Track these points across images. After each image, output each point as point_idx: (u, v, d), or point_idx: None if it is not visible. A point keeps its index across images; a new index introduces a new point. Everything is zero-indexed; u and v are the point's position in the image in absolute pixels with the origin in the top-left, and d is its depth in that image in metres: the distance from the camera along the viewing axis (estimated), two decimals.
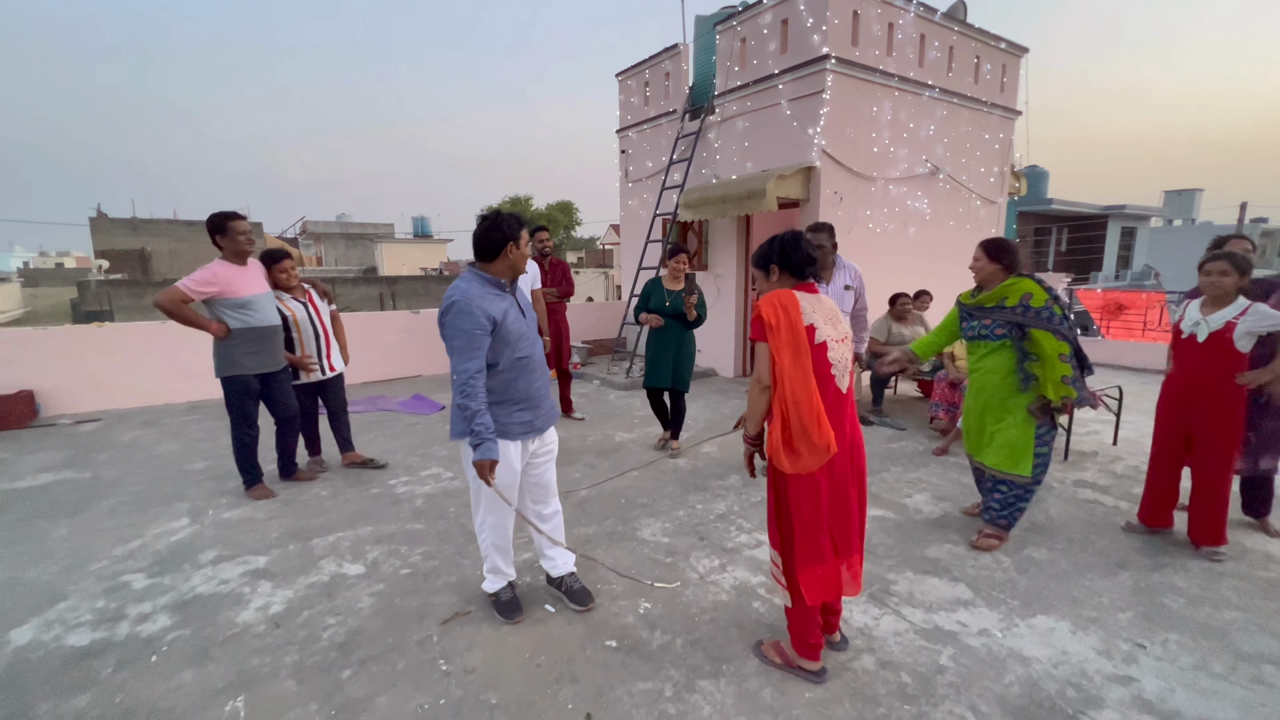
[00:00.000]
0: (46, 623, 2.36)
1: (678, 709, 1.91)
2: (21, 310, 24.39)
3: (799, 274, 1.97)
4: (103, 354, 5.71)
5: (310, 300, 3.81)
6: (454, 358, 2.08)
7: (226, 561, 2.83)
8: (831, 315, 1.96)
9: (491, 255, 2.18)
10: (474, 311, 2.07)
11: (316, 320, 3.79)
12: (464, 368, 2.07)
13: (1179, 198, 30.46)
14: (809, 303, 1.92)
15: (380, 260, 35.02)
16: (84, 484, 3.84)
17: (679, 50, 7.45)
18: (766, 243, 2.04)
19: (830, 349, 1.91)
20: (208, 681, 2.04)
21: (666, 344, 4.20)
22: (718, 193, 6.21)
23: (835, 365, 1.92)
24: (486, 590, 2.45)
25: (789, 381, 1.86)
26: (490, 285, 2.18)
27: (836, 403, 1.93)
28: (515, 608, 2.39)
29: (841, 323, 1.99)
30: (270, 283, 3.57)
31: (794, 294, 1.93)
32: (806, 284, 1.98)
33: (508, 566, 2.43)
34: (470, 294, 2.10)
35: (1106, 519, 3.28)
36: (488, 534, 2.36)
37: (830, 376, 1.91)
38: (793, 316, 1.87)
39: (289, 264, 3.71)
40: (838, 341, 1.93)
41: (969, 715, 1.88)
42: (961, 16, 7.10)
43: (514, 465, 2.28)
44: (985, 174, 7.50)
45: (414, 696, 1.96)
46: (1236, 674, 2.06)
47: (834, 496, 1.94)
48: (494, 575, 2.43)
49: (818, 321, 1.90)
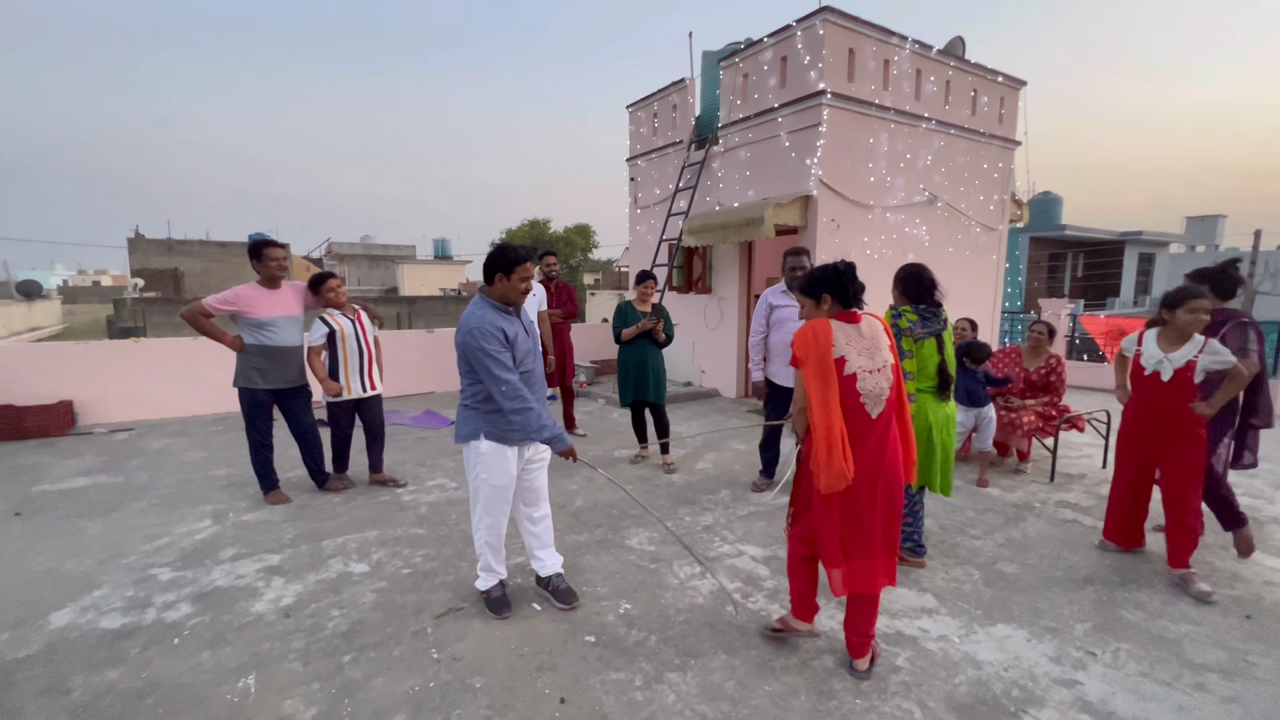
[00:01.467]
0: (82, 608, 2.61)
1: (645, 696, 2.07)
2: (61, 325, 25.43)
3: (846, 303, 2.08)
4: (136, 368, 6.08)
5: (359, 319, 4.02)
6: (490, 375, 2.31)
7: (244, 559, 3.07)
8: (870, 346, 2.05)
9: (489, 281, 2.45)
10: (492, 332, 2.33)
11: (362, 338, 3.99)
12: (507, 379, 2.31)
13: (1201, 224, 30.13)
14: (844, 334, 2.02)
15: (401, 281, 35.92)
16: (117, 487, 4.13)
17: (686, 84, 7.80)
18: (819, 269, 2.11)
19: (860, 380, 2.01)
20: (223, 662, 2.25)
21: (643, 361, 4.53)
22: (719, 219, 6.47)
23: (865, 395, 2.02)
24: (479, 588, 2.65)
25: (815, 409, 2.00)
26: (498, 310, 2.43)
27: (866, 430, 2.03)
28: (505, 604, 2.58)
29: (880, 352, 2.06)
30: (322, 302, 3.87)
31: (830, 325, 2.02)
32: (849, 313, 2.08)
33: (499, 565, 2.62)
34: (485, 318, 2.35)
35: (1082, 538, 3.38)
36: (483, 533, 2.57)
37: (859, 406, 2.02)
38: (823, 348, 1.99)
39: (335, 283, 3.93)
40: (870, 372, 2.02)
41: (916, 710, 2.02)
42: (960, 52, 7.36)
43: (510, 469, 2.50)
44: (985, 202, 7.66)
45: (407, 679, 2.16)
46: (1180, 681, 2.17)
47: (846, 512, 2.07)
48: (486, 573, 2.63)
49: (850, 353, 2.01)
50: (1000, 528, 3.51)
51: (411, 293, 32.26)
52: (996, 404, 4.43)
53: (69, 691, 2.08)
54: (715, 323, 7.60)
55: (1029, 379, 4.52)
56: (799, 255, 3.79)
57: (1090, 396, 7.47)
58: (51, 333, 22.43)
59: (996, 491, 4.13)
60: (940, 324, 2.84)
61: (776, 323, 3.84)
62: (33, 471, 4.45)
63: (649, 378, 4.56)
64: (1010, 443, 4.39)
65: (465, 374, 2.45)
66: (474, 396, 2.45)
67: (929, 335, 2.81)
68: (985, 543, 3.31)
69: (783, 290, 3.82)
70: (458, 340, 2.39)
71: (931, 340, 2.82)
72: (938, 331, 2.83)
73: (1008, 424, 4.28)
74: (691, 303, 7.94)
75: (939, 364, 2.84)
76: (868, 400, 2.03)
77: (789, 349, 3.69)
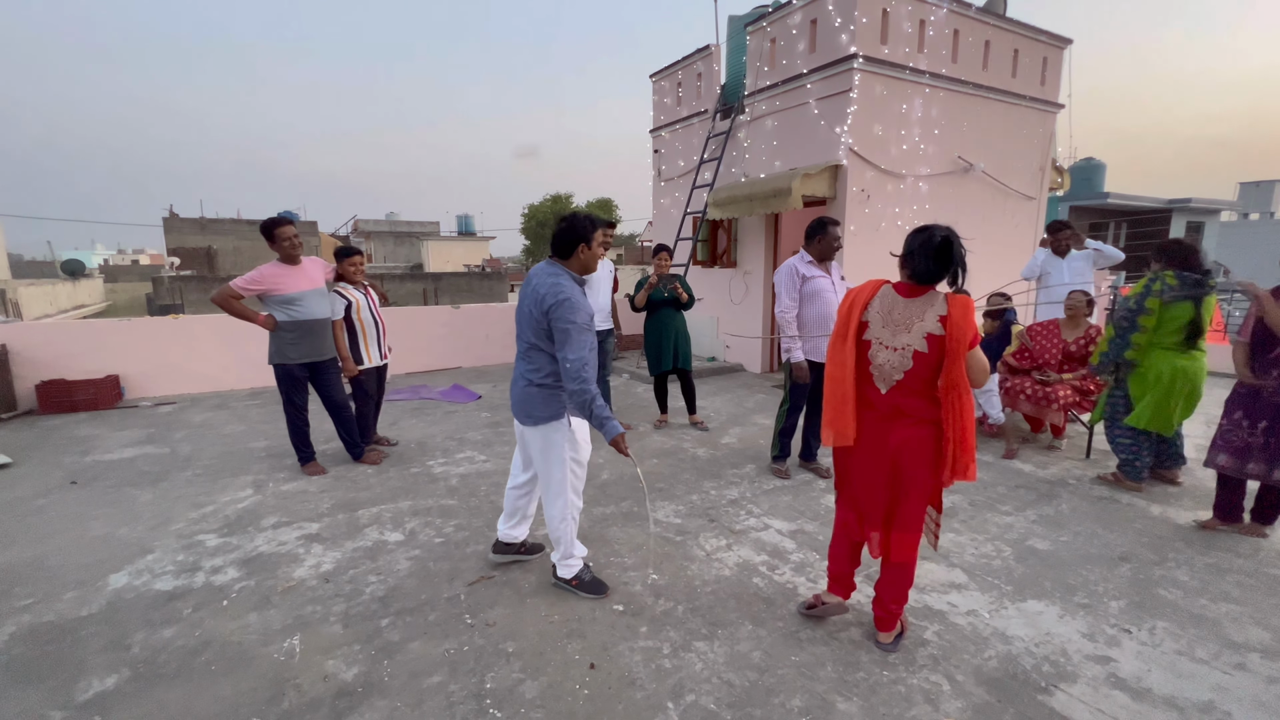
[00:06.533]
0: (137, 571, 2.75)
1: (673, 664, 2.12)
2: (104, 304, 26.40)
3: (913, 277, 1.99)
4: (177, 344, 6.29)
5: (369, 293, 4.22)
6: (568, 346, 2.22)
7: (285, 526, 3.19)
8: (901, 324, 1.98)
9: (567, 253, 2.37)
10: (583, 307, 2.29)
11: (375, 311, 4.21)
12: (579, 356, 2.23)
13: (1256, 190, 28.53)
14: (887, 301, 2.02)
15: (426, 257, 36.25)
16: (164, 458, 4.31)
17: (710, 51, 7.59)
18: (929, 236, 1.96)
19: (873, 349, 2.02)
20: (269, 623, 2.36)
21: (666, 330, 4.68)
22: (745, 191, 6.34)
23: (875, 366, 2.02)
24: (565, 577, 2.54)
25: (828, 360, 2.08)
26: (576, 282, 2.37)
27: (872, 402, 2.05)
28: (601, 583, 2.55)
29: (907, 335, 1.97)
30: (337, 274, 4.04)
31: (879, 287, 2.05)
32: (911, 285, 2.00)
33: (580, 546, 2.59)
34: (576, 291, 2.29)
35: (1118, 516, 3.30)
36: (569, 519, 2.47)
37: (869, 375, 2.05)
38: (853, 305, 2.05)
39: (359, 259, 4.18)
40: (887, 347, 1.99)
41: (944, 683, 2.02)
42: (1000, 10, 6.99)
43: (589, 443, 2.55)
44: (1024, 169, 7.36)
45: (442, 643, 2.23)
46: (1219, 660, 2.12)
47: (859, 479, 2.14)
48: (570, 560, 2.53)
49: (874, 320, 2.02)
50: (1033, 504, 3.45)
51: (437, 269, 32.56)
52: (1030, 378, 4.32)
53: (129, 647, 2.21)
54: (740, 297, 7.51)
55: (1067, 351, 4.38)
56: (837, 225, 3.61)
57: None
58: (96, 310, 23.29)
59: (1029, 468, 4.05)
60: (1204, 289, 3.26)
61: (809, 295, 3.59)
62: (86, 442, 4.67)
63: (677, 344, 4.72)
64: (1045, 418, 4.29)
65: (537, 349, 2.33)
66: (551, 375, 2.34)
67: (1184, 298, 3.26)
68: (1017, 519, 3.26)
69: (809, 260, 3.65)
70: (543, 309, 2.25)
71: (1188, 303, 3.27)
72: (1197, 296, 3.26)
73: (1042, 398, 4.17)
74: (716, 277, 7.85)
75: (1190, 320, 3.28)
76: (877, 373, 2.04)
77: (825, 322, 3.64)
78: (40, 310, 18.66)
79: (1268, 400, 2.89)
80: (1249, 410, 2.95)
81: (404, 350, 6.75)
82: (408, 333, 6.99)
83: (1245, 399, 2.98)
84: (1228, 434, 3.03)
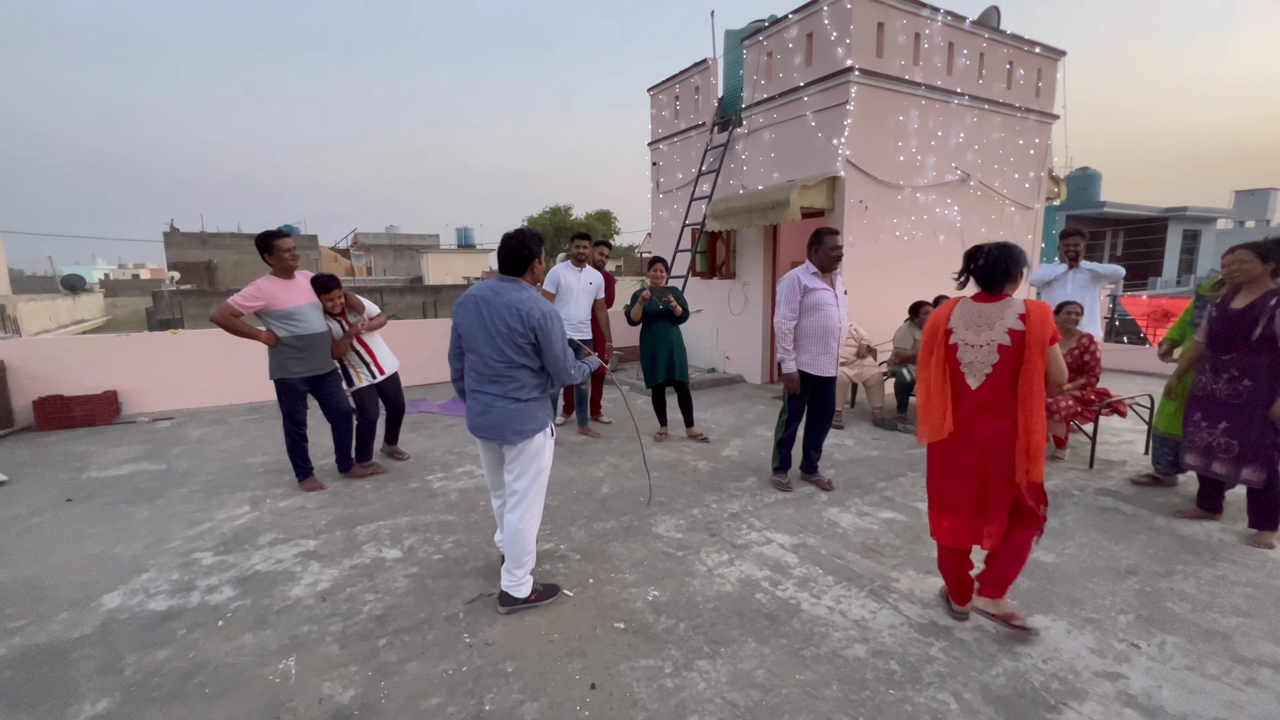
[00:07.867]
0: (131, 590, 2.72)
1: (675, 683, 2.08)
2: (104, 318, 26.41)
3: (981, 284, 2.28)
4: (175, 359, 6.28)
5: (345, 320, 4.09)
6: (560, 359, 2.40)
7: (282, 544, 3.16)
8: (982, 323, 2.21)
9: (523, 269, 2.42)
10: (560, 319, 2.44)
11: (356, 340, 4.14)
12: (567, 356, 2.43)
13: (1251, 198, 28.66)
14: (964, 310, 2.27)
15: (425, 270, 36.34)
16: (160, 474, 4.28)
17: (708, 65, 7.65)
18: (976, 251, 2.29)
19: (961, 350, 2.25)
20: (265, 644, 2.32)
21: (661, 343, 4.69)
22: (743, 203, 6.36)
23: (964, 365, 2.24)
24: (522, 595, 2.49)
25: (919, 367, 2.35)
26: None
27: (962, 398, 2.26)
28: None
29: (989, 331, 2.19)
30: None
31: (958, 303, 2.30)
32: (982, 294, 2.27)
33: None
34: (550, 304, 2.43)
35: (1124, 527, 3.27)
36: (534, 529, 2.53)
37: (959, 374, 2.26)
38: (938, 321, 2.31)
39: (336, 294, 3.97)
40: (973, 346, 2.22)
41: (951, 701, 1.98)
42: (994, 23, 7.07)
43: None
44: (1020, 180, 7.39)
45: (440, 663, 2.20)
46: (1230, 676, 2.09)
47: (938, 467, 2.34)
48: (523, 576, 2.51)
49: (958, 326, 2.26)
50: None
51: (436, 281, 32.63)
52: None
53: (122, 670, 2.17)
54: (740, 308, 7.51)
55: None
56: (835, 235, 3.61)
57: (1132, 380, 7.21)
58: (95, 325, 23.30)
59: None
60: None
61: (810, 307, 3.57)
62: (82, 459, 4.63)
63: (672, 356, 4.73)
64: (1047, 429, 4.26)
65: (519, 367, 2.38)
66: (539, 387, 2.46)
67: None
68: None
69: (813, 271, 3.64)
70: (529, 325, 2.32)
71: None
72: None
73: None
74: (715, 288, 7.86)
75: None
76: (966, 370, 2.23)
77: (824, 335, 3.66)
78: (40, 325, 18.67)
79: (1223, 402, 3.02)
80: (1206, 412, 3.10)
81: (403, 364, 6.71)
82: (407, 346, 6.95)
83: (1201, 402, 3.14)
84: (1191, 436, 3.18)
